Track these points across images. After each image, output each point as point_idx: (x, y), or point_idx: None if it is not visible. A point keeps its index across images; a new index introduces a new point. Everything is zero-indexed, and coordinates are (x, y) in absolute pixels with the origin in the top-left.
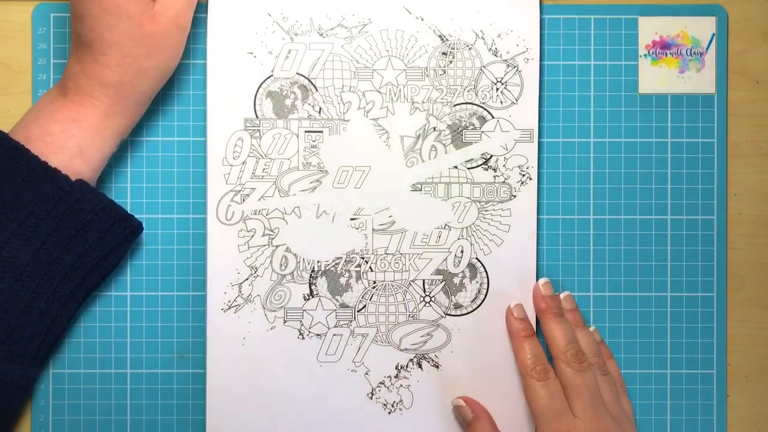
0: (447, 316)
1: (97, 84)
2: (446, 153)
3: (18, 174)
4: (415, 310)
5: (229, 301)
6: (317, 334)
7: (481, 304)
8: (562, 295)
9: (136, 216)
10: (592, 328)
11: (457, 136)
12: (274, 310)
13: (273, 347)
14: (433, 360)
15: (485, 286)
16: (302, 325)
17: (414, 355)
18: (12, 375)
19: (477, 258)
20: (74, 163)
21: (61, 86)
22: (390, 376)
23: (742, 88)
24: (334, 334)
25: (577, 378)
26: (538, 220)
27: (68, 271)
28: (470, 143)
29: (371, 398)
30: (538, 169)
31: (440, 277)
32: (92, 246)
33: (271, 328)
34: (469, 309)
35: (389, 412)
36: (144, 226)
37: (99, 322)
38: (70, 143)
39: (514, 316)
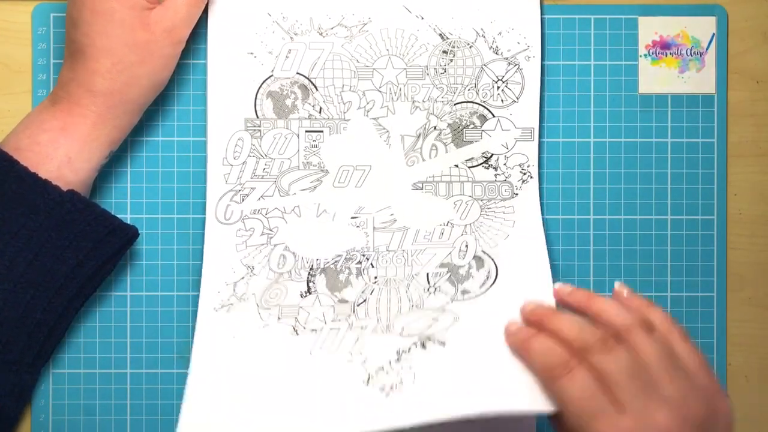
0: (454, 301)
1: (85, 91)
2: (447, 152)
3: (8, 186)
4: (419, 300)
5: (221, 301)
6: (312, 329)
7: (490, 287)
8: (557, 286)
9: (135, 216)
10: (617, 284)
11: (458, 134)
12: (269, 308)
13: (265, 344)
14: (438, 340)
15: (494, 272)
16: (297, 321)
17: (417, 338)
18: (6, 383)
19: (483, 251)
20: (63, 173)
21: (52, 95)
22: (390, 361)
23: (742, 88)
24: (331, 328)
25: (605, 363)
26: None
27: (63, 282)
28: (471, 142)
29: (367, 384)
30: (538, 168)
31: (445, 269)
32: (87, 256)
33: (264, 326)
34: (478, 293)
35: (387, 395)
36: (144, 226)
37: (99, 322)
38: (59, 153)
39: (508, 331)
